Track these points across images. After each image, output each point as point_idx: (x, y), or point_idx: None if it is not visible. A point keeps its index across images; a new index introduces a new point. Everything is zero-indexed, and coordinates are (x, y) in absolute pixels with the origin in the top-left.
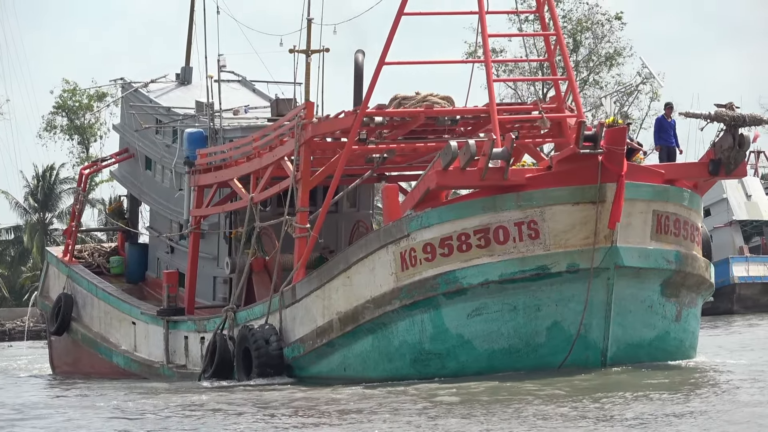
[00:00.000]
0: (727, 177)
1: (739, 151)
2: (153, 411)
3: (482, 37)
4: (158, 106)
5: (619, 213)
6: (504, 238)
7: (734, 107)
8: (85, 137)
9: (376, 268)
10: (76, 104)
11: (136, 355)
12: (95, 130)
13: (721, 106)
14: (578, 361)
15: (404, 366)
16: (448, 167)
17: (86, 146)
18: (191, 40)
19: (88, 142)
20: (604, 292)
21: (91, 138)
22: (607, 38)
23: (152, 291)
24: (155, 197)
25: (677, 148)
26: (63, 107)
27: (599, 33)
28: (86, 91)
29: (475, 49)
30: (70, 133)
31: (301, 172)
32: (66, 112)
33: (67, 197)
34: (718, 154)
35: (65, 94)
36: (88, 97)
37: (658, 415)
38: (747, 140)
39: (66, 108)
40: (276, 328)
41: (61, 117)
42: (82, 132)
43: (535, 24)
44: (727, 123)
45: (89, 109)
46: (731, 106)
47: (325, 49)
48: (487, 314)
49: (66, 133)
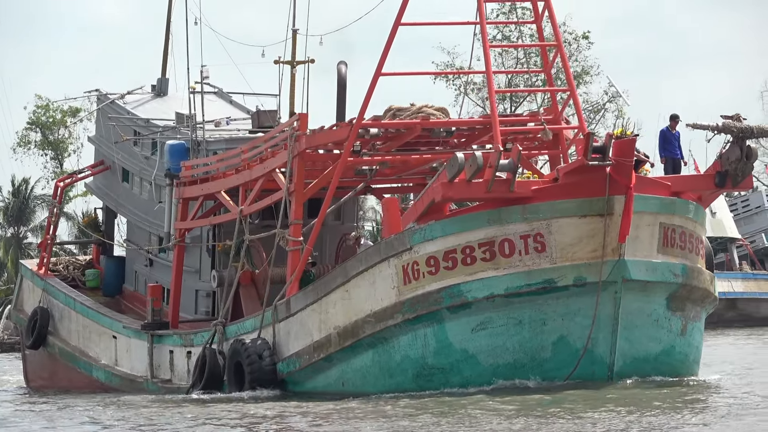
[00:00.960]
0: (734, 189)
1: (747, 163)
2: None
3: (483, 48)
4: (137, 117)
5: (628, 227)
6: (510, 251)
7: (741, 119)
8: (59, 152)
9: (377, 282)
10: (49, 120)
11: (117, 369)
12: (68, 145)
13: (728, 117)
14: (584, 376)
15: (406, 381)
16: (454, 179)
17: (60, 161)
18: (167, 51)
19: (62, 156)
20: (612, 305)
21: (65, 153)
22: (575, 57)
23: (129, 304)
24: (133, 210)
25: (682, 159)
26: (36, 123)
27: (567, 52)
28: (59, 107)
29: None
30: (43, 148)
31: (294, 184)
32: (40, 127)
33: (41, 211)
34: (725, 166)
35: (38, 110)
36: (61, 113)
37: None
38: (755, 152)
39: (39, 124)
40: (269, 343)
41: (34, 132)
42: (55, 147)
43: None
44: (735, 135)
45: (63, 124)
46: (738, 118)
47: (311, 60)
48: (492, 328)
49: (40, 148)
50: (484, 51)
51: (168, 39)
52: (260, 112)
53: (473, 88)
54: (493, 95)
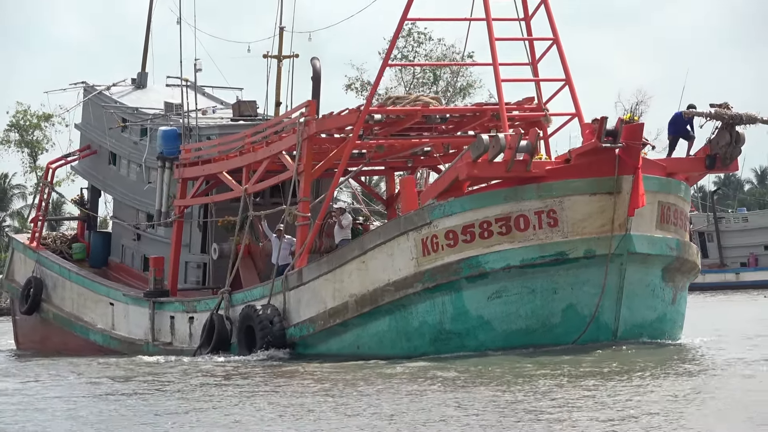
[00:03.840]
0: (722, 171)
1: (736, 147)
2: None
3: (490, 42)
4: (125, 106)
5: (638, 200)
6: (524, 226)
7: (729, 107)
8: (34, 151)
9: (395, 254)
10: (27, 123)
11: (115, 333)
12: (43, 145)
13: (716, 105)
14: (590, 340)
15: (423, 344)
16: (478, 159)
17: (34, 158)
18: (147, 46)
19: (36, 154)
20: (618, 276)
21: (39, 151)
22: (462, 73)
23: (116, 275)
24: (121, 190)
25: (692, 137)
26: (16, 126)
27: (455, 69)
28: (35, 113)
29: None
30: (20, 146)
31: (303, 165)
32: (18, 129)
33: (17, 200)
34: (715, 150)
35: (18, 114)
36: (36, 117)
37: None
38: (743, 137)
39: (18, 126)
40: (278, 309)
41: (13, 133)
42: (32, 146)
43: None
44: (726, 121)
45: (38, 127)
46: (727, 105)
47: (295, 55)
48: (507, 297)
49: (18, 146)
50: (491, 44)
51: (148, 35)
52: (241, 102)
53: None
54: (500, 85)
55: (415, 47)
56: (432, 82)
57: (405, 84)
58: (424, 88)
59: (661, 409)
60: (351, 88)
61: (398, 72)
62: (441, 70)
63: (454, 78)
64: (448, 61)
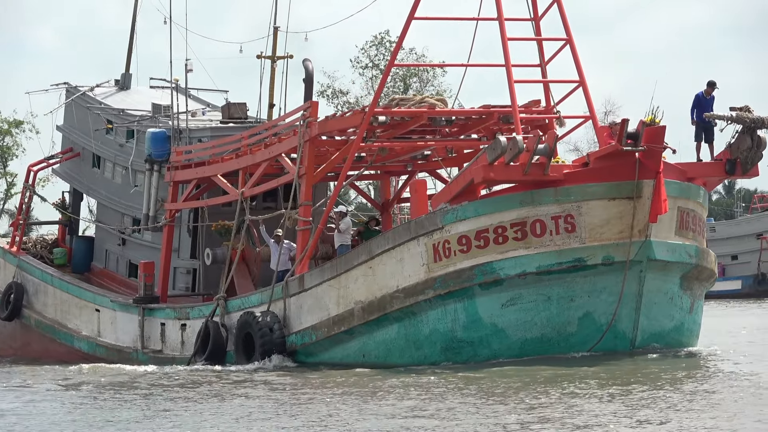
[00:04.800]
0: (743, 176)
1: (757, 152)
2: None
3: (502, 42)
4: (110, 108)
5: (660, 206)
6: (541, 231)
7: (751, 110)
8: (5, 156)
9: (405, 259)
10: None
11: (101, 340)
12: (13, 152)
13: (737, 108)
14: (606, 349)
15: (434, 353)
16: (494, 162)
17: (5, 164)
18: (132, 47)
19: (6, 160)
20: (636, 284)
21: (9, 157)
22: (431, 82)
23: (99, 280)
24: (105, 193)
25: (715, 125)
26: None
27: (425, 78)
28: (6, 119)
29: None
30: None
31: (305, 168)
32: None
33: None
34: (735, 155)
35: None
36: (7, 123)
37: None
38: (764, 141)
39: None
40: (278, 316)
41: None
42: (2, 152)
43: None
44: (747, 125)
45: (8, 134)
46: (748, 109)
47: (289, 56)
48: (522, 304)
49: None
50: (503, 45)
51: (133, 36)
52: (230, 105)
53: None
54: (512, 86)
55: (386, 56)
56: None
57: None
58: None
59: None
60: (323, 95)
61: (369, 81)
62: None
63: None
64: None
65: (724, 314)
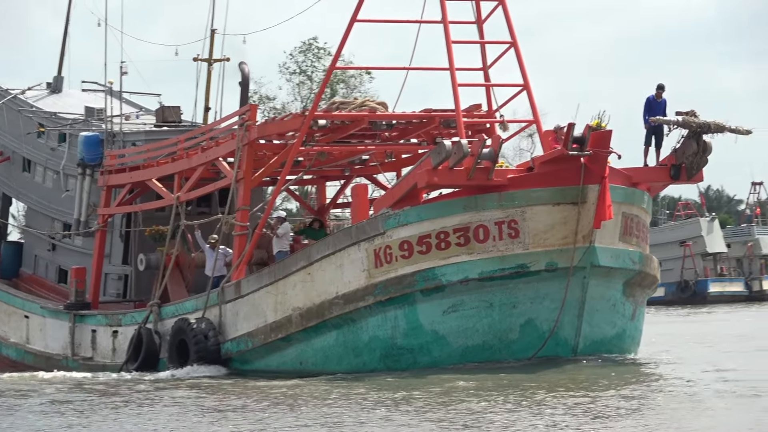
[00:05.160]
0: (688, 182)
1: (703, 157)
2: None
3: (446, 45)
4: (42, 111)
5: (604, 212)
6: (484, 237)
7: (696, 114)
8: None
9: (345, 265)
10: None
11: (29, 347)
12: None
13: (683, 113)
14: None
15: (373, 360)
16: (438, 166)
17: None
18: (64, 50)
19: None
20: (579, 290)
21: None
22: (358, 89)
23: (28, 286)
24: (35, 197)
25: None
26: None
27: (352, 84)
28: None
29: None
30: None
31: (243, 172)
32: None
33: None
34: (681, 159)
35: None
36: None
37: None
38: (710, 147)
39: None
40: (213, 323)
41: None
42: None
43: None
44: (693, 129)
45: None
46: (694, 113)
47: (226, 59)
48: (463, 311)
49: None
50: (447, 48)
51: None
52: (164, 108)
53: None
54: (456, 90)
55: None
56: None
57: (302, 99)
58: (321, 103)
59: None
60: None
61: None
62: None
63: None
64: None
65: (654, 321)
